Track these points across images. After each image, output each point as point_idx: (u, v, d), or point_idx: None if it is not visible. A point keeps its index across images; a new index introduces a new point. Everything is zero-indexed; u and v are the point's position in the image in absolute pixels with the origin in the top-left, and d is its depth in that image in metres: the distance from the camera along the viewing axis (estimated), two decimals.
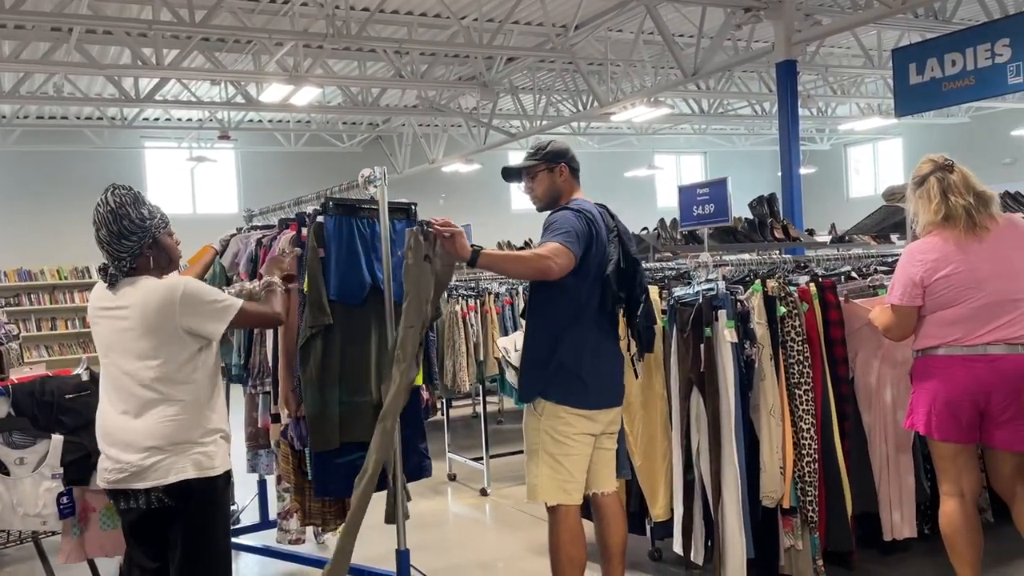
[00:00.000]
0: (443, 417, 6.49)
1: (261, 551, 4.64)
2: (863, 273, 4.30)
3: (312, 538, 4.59)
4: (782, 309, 3.64)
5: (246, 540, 4.82)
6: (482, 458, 5.94)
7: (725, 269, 4.10)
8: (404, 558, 3.53)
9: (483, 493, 5.86)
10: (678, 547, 3.83)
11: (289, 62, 10.09)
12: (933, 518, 3.77)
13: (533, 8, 10.00)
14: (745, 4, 8.96)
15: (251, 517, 5.14)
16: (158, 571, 2.88)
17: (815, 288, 3.76)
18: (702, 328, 3.61)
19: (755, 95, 14.16)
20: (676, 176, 19.75)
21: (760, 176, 18.51)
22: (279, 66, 9.98)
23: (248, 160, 16.36)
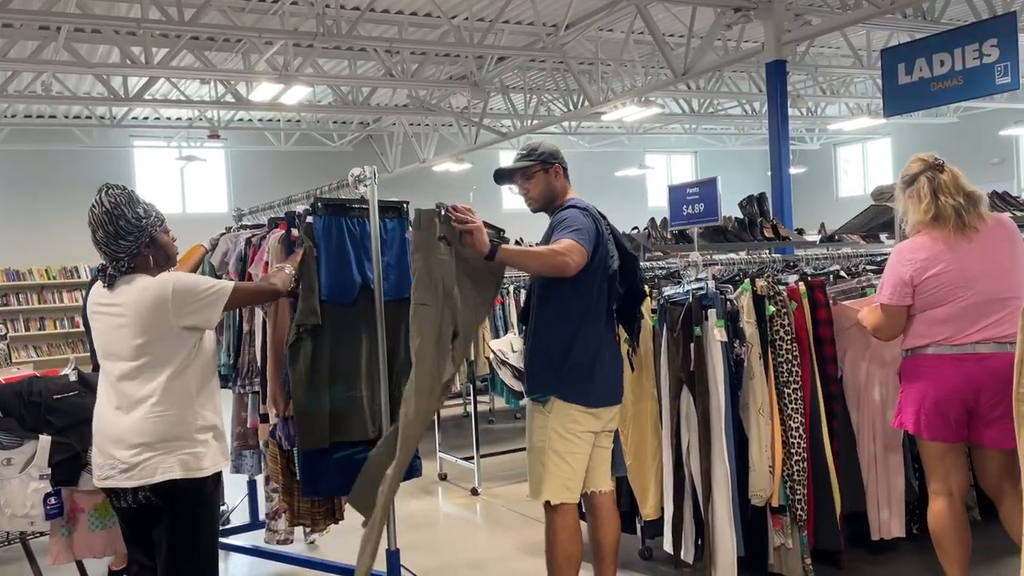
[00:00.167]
0: (433, 416, 6.47)
1: (250, 551, 4.63)
2: (852, 272, 4.31)
3: (301, 538, 4.59)
4: (771, 308, 3.65)
5: (236, 540, 4.81)
6: (473, 457, 5.93)
7: (715, 268, 4.11)
8: (394, 558, 3.53)
9: (474, 493, 5.86)
10: (668, 546, 3.83)
11: (279, 61, 10.05)
12: (921, 517, 3.79)
13: (523, 8, 9.99)
14: (735, 4, 8.98)
15: (241, 517, 5.13)
16: (155, 569, 2.88)
17: (804, 287, 3.77)
18: (692, 327, 3.62)
19: (745, 95, 14.19)
20: (667, 176, 19.77)
21: (750, 176, 18.58)
22: (269, 65, 9.94)
23: (238, 159, 16.30)
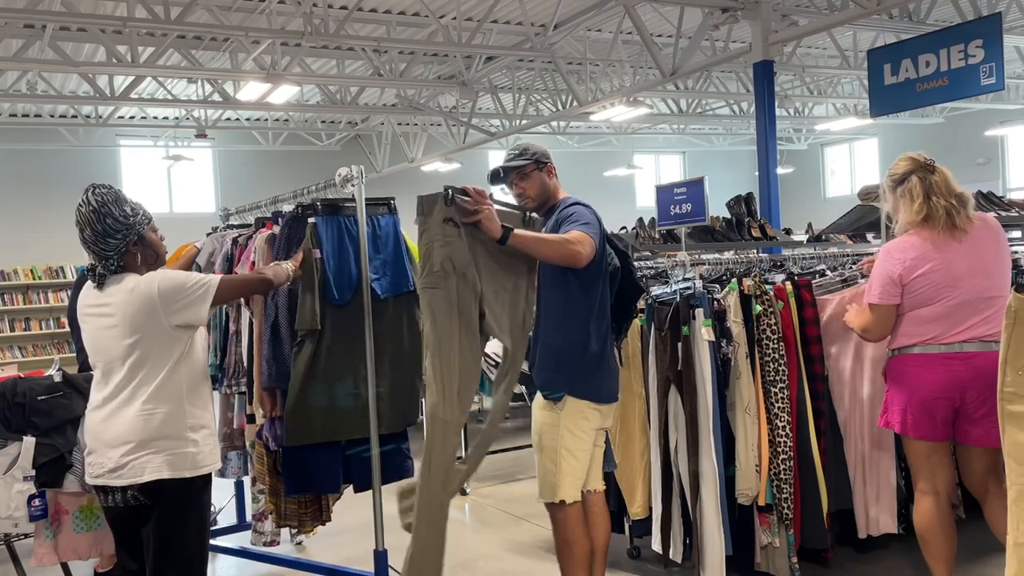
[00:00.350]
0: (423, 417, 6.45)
1: (237, 552, 4.61)
2: (841, 274, 4.32)
3: (288, 539, 4.57)
4: (758, 307, 3.66)
5: (223, 541, 4.79)
6: (462, 457, 5.91)
7: (702, 268, 4.11)
8: (382, 559, 3.52)
9: (463, 492, 5.85)
10: (656, 545, 3.84)
11: (266, 60, 10.00)
12: (907, 516, 3.81)
13: (512, 7, 9.98)
14: (723, 4, 9.01)
15: (228, 519, 5.11)
16: (139, 572, 2.87)
17: (791, 286, 3.78)
18: (680, 327, 3.63)
19: (733, 95, 14.24)
20: (655, 176, 19.79)
21: (738, 175, 18.64)
22: (256, 64, 9.89)
23: (225, 159, 16.21)
